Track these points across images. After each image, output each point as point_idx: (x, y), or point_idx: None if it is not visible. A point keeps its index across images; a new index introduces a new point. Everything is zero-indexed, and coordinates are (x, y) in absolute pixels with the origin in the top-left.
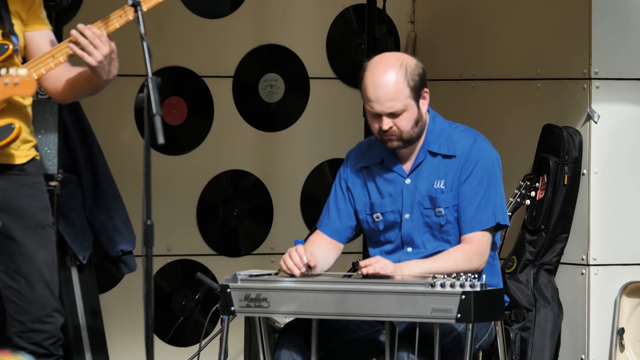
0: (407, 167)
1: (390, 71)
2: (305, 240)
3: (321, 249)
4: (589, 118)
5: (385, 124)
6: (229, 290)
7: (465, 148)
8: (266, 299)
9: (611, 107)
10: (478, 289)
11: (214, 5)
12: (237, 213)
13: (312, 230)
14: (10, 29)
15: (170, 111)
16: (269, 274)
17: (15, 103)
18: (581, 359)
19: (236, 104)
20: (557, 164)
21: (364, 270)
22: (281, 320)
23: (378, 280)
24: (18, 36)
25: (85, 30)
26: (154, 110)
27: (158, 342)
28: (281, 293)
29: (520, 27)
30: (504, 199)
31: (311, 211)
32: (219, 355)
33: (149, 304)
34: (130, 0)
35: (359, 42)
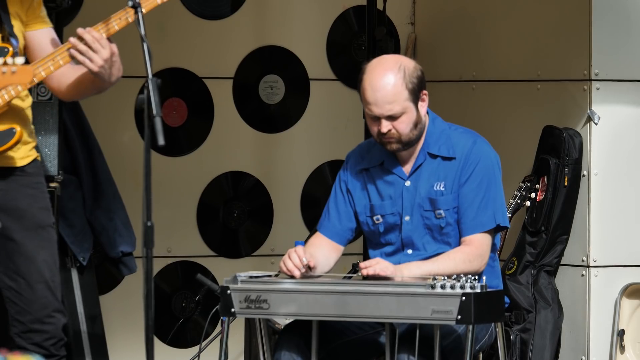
0: (407, 169)
1: (388, 74)
2: (305, 242)
3: (321, 251)
4: (589, 119)
5: (384, 127)
6: (229, 291)
7: (465, 150)
8: (266, 300)
9: (611, 109)
10: (478, 290)
11: (214, 6)
12: (238, 214)
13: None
14: (10, 31)
15: (171, 112)
16: (269, 276)
17: (15, 107)
18: None
19: (236, 105)
20: (558, 165)
21: (364, 272)
22: (281, 321)
23: (378, 281)
24: (18, 38)
25: (84, 35)
26: (154, 111)
27: (158, 344)
28: (281, 294)
29: (520, 29)
30: (504, 201)
31: (311, 212)
32: (219, 356)
33: (149, 306)
34: (130, 2)
35: (359, 44)
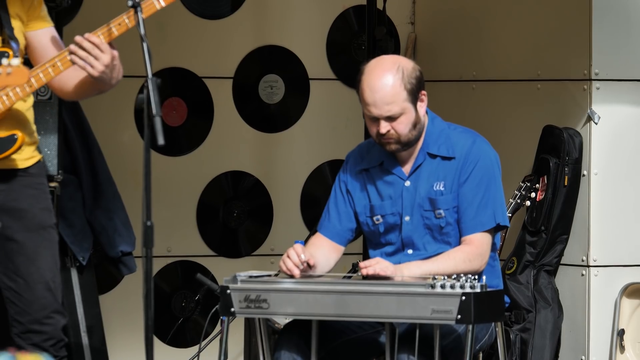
0: (407, 170)
1: (386, 75)
2: (305, 242)
3: (321, 251)
4: (589, 119)
5: (383, 128)
6: (228, 291)
7: (464, 149)
8: (266, 300)
9: (611, 108)
10: (478, 290)
11: (214, 6)
12: (237, 214)
13: (312, 231)
14: (10, 33)
15: (170, 112)
16: (269, 275)
17: (16, 110)
18: None
19: (236, 105)
20: (558, 165)
21: (363, 272)
22: (281, 321)
23: (378, 281)
24: (18, 41)
25: (82, 43)
26: (154, 111)
27: (158, 343)
28: (281, 294)
29: (520, 28)
30: (504, 200)
31: (311, 212)
32: (219, 356)
33: (149, 305)
34: (130, 1)
35: (359, 43)
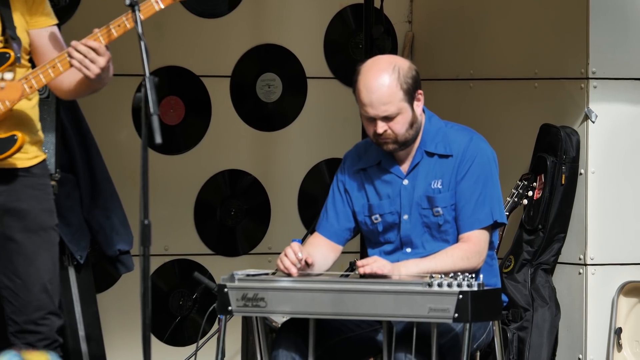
0: (405, 169)
1: (383, 75)
2: (302, 241)
3: (320, 251)
4: (587, 118)
5: (380, 128)
6: (226, 289)
7: (461, 147)
8: (263, 298)
9: (609, 107)
10: (475, 288)
11: (211, 4)
12: (235, 213)
13: (310, 230)
14: (12, 34)
15: (168, 111)
16: (267, 274)
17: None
18: (578, 358)
19: (234, 103)
20: (555, 163)
21: (361, 270)
22: (278, 319)
23: (375, 279)
24: (21, 40)
25: (78, 46)
26: (152, 109)
27: (155, 342)
28: (278, 293)
29: (517, 27)
30: (501, 197)
31: (309, 211)
32: (216, 355)
33: (146, 304)
34: (127, 1)
35: (357, 42)
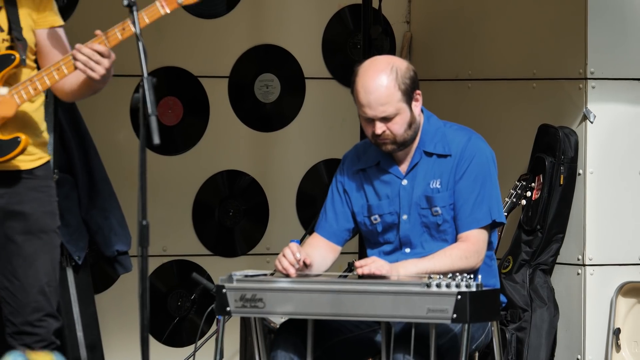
0: (404, 169)
1: (381, 75)
2: (301, 241)
3: (318, 251)
4: (585, 118)
5: (378, 129)
6: (224, 290)
7: (460, 146)
8: (262, 299)
9: (607, 107)
10: (474, 289)
11: (209, 5)
12: (233, 213)
13: (308, 230)
14: (18, 34)
15: (166, 111)
16: (265, 274)
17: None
18: (577, 359)
19: (232, 104)
20: (553, 163)
21: (359, 271)
22: (277, 320)
23: (374, 280)
24: (27, 41)
25: (82, 49)
26: (150, 110)
27: (153, 343)
28: (277, 293)
29: (516, 27)
30: (500, 197)
31: (307, 211)
32: (215, 355)
33: (145, 305)
34: (125, 1)
35: (355, 42)
